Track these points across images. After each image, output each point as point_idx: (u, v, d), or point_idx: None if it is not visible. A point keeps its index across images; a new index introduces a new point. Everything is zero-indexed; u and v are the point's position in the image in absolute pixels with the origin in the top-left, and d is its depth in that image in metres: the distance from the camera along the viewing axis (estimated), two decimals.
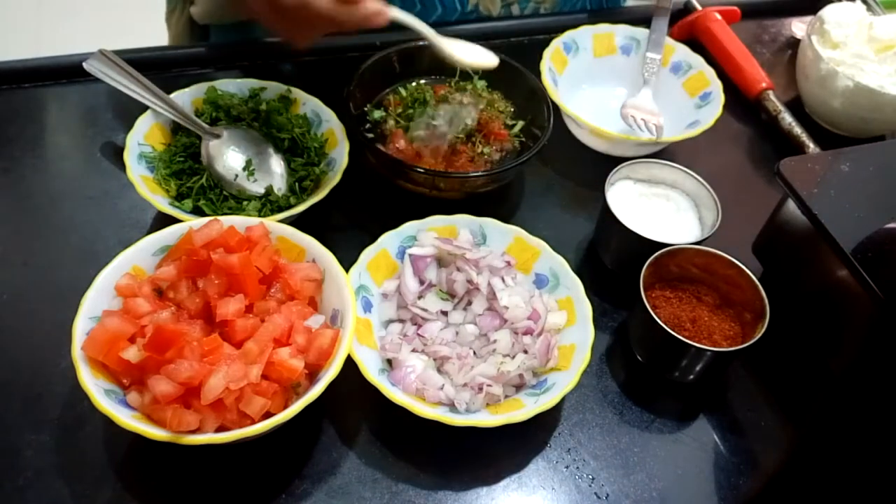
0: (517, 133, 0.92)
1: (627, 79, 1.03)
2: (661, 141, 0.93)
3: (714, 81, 0.97)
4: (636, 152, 0.94)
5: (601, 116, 0.95)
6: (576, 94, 1.00)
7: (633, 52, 1.03)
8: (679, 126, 0.96)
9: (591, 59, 1.03)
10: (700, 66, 1.00)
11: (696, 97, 0.98)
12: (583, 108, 0.96)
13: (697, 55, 1.01)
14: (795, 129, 1.01)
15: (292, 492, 0.66)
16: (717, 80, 0.97)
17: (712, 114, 0.94)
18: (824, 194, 0.76)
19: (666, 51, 1.02)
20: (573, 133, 0.98)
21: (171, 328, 0.63)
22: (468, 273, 0.76)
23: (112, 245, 0.80)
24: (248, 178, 0.83)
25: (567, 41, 1.01)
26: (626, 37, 1.04)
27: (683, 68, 1.01)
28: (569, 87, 0.99)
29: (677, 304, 0.77)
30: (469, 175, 0.85)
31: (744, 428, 0.75)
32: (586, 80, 1.02)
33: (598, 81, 1.03)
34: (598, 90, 1.02)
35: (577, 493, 0.69)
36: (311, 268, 0.72)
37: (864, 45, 1.01)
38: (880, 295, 0.68)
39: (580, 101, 1.00)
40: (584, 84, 1.02)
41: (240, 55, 1.02)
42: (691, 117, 0.96)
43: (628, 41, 1.03)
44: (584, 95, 1.01)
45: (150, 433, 0.60)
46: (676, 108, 0.99)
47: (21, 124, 0.92)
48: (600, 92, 1.02)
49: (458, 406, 0.69)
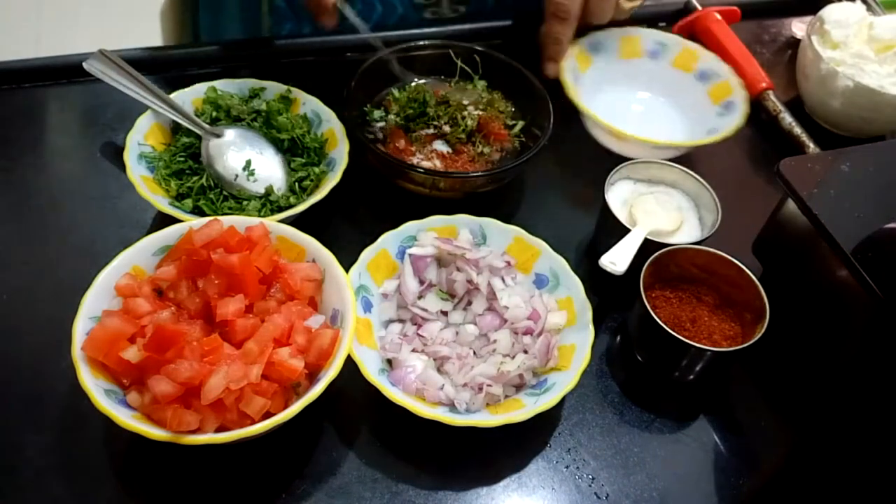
0: (517, 133, 0.92)
1: (651, 83, 1.03)
2: (680, 145, 0.93)
3: (738, 91, 0.97)
4: (653, 155, 0.92)
5: (620, 117, 0.94)
6: (597, 95, 1.01)
7: (660, 57, 1.03)
8: (699, 132, 0.96)
9: (616, 60, 1.03)
10: (727, 75, 0.99)
11: (718, 105, 0.98)
12: (602, 109, 0.96)
13: (725, 64, 1.00)
14: (795, 129, 1.01)
15: (292, 492, 0.66)
16: (742, 91, 0.97)
17: (733, 122, 0.93)
18: (824, 194, 0.76)
19: (693, 57, 1.02)
20: (590, 132, 0.98)
21: (171, 328, 0.63)
22: (468, 273, 0.76)
23: (112, 245, 0.80)
24: (248, 178, 0.83)
25: (593, 41, 1.02)
26: (655, 41, 1.03)
27: (709, 76, 1.00)
28: (591, 87, 0.99)
29: (677, 304, 0.77)
30: (469, 175, 0.85)
31: (744, 428, 0.75)
32: (609, 81, 1.02)
33: (620, 83, 1.03)
34: (620, 92, 1.03)
35: (577, 493, 0.69)
36: (311, 268, 0.72)
37: (864, 45, 1.01)
38: (880, 295, 0.68)
39: (601, 102, 1.00)
40: (606, 85, 1.02)
41: (240, 55, 1.02)
42: (711, 124, 0.96)
43: (656, 46, 1.03)
44: (605, 96, 1.01)
45: (150, 433, 0.60)
46: (698, 113, 0.99)
47: (21, 124, 0.92)
48: (622, 94, 1.03)
49: (458, 406, 0.69)
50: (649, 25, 1.16)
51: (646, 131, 0.92)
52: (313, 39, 1.04)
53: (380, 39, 0.93)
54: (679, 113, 1.01)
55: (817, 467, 0.74)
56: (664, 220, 0.82)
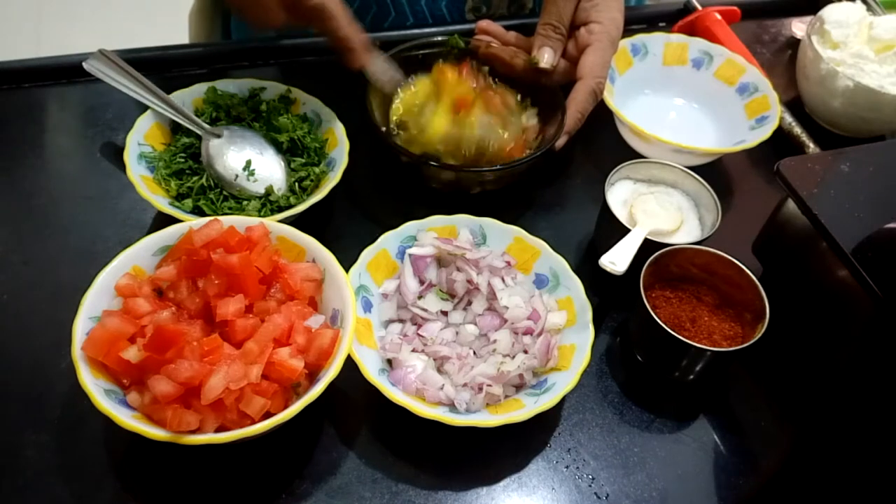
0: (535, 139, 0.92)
1: (688, 91, 1.03)
2: (708, 151, 0.93)
3: (774, 106, 0.96)
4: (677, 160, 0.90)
5: (655, 122, 0.95)
6: (636, 98, 1.01)
7: (703, 67, 1.03)
8: (727, 142, 0.97)
9: (659, 65, 1.03)
10: (766, 89, 0.98)
11: (752, 119, 0.98)
12: (637, 112, 0.96)
13: (765, 78, 0.99)
14: (795, 129, 1.01)
15: (292, 492, 0.66)
16: (777, 105, 0.96)
17: (761, 135, 0.93)
18: (824, 194, 0.76)
19: (736, 70, 1.01)
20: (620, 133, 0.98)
21: (171, 328, 0.63)
22: (468, 273, 0.76)
23: (112, 245, 0.80)
24: (248, 178, 0.83)
25: (636, 43, 1.02)
26: (700, 50, 1.03)
27: (750, 90, 1.00)
28: (627, 89, 1.00)
29: (677, 304, 0.77)
30: (483, 169, 0.85)
31: (744, 428, 0.75)
32: (649, 85, 1.03)
33: (660, 89, 1.03)
34: (659, 98, 1.03)
35: (577, 493, 0.69)
36: (311, 268, 0.72)
37: (864, 45, 1.01)
38: (880, 295, 0.68)
39: (637, 105, 1.01)
40: (646, 89, 1.02)
41: (240, 55, 1.02)
42: (741, 136, 0.96)
43: (701, 55, 1.03)
44: (643, 100, 1.02)
45: (150, 433, 0.60)
46: (731, 125, 0.99)
47: (21, 124, 0.92)
48: (660, 100, 1.03)
49: (458, 406, 0.69)
50: (649, 25, 1.16)
51: (676, 138, 0.92)
52: (313, 39, 1.04)
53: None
54: (713, 123, 1.01)
55: (817, 467, 0.74)
56: (664, 220, 0.82)
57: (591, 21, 0.90)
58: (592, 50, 0.89)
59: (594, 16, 0.91)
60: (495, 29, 0.97)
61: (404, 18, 1.08)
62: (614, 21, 0.91)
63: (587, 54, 0.89)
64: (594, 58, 0.89)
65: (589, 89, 0.88)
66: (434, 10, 1.07)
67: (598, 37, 0.90)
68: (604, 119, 0.96)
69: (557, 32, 0.90)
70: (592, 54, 0.89)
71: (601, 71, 0.89)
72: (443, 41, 0.94)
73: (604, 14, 0.90)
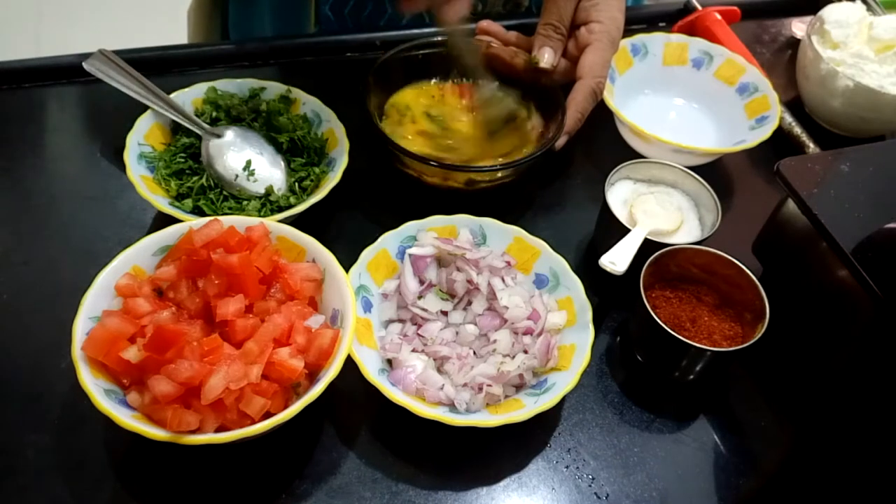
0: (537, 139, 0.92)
1: (687, 90, 1.03)
2: (708, 152, 0.93)
3: (774, 106, 0.96)
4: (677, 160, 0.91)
5: (654, 122, 0.95)
6: (636, 98, 1.01)
7: (703, 67, 1.03)
8: (727, 142, 0.97)
9: (659, 65, 1.03)
10: (766, 89, 0.98)
11: (752, 119, 0.98)
12: (637, 111, 0.96)
13: (765, 78, 0.99)
14: (795, 129, 1.01)
15: (292, 492, 0.66)
16: (777, 105, 0.96)
17: (761, 136, 0.93)
18: (824, 194, 0.76)
19: (736, 70, 1.01)
20: (620, 133, 0.98)
21: (171, 328, 0.63)
22: (468, 273, 0.76)
23: (112, 245, 0.80)
24: (248, 178, 0.83)
25: (636, 43, 1.02)
26: (700, 50, 1.03)
27: (750, 90, 1.00)
28: (627, 89, 1.00)
29: (677, 304, 0.77)
30: (484, 169, 0.85)
31: (744, 428, 0.75)
32: (649, 85, 1.03)
33: (660, 89, 1.03)
34: (659, 98, 1.03)
35: (577, 493, 0.69)
36: (311, 268, 0.72)
37: (864, 45, 1.01)
38: (880, 295, 0.68)
39: (637, 105, 1.00)
40: (646, 89, 1.02)
41: (240, 55, 1.02)
42: (741, 136, 0.96)
43: (701, 55, 1.03)
44: (643, 100, 1.02)
45: (150, 433, 0.60)
46: (731, 125, 0.99)
47: (21, 124, 0.92)
48: (660, 100, 1.03)
49: (458, 406, 0.69)
50: (649, 25, 1.16)
51: (676, 138, 0.92)
52: (313, 39, 1.04)
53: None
54: (713, 123, 1.01)
55: (817, 467, 0.74)
56: (664, 220, 0.82)
57: (592, 20, 0.90)
58: (592, 49, 0.89)
59: (594, 15, 0.90)
60: (496, 29, 0.97)
61: (400, 16, 1.07)
62: (615, 21, 0.91)
63: (587, 54, 0.89)
64: (594, 57, 0.89)
65: (589, 89, 0.88)
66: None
67: (599, 36, 0.90)
68: (604, 119, 0.96)
69: (558, 32, 0.90)
70: (592, 54, 0.89)
71: (601, 71, 0.89)
72: (443, 41, 0.94)
73: (604, 14, 0.90)
